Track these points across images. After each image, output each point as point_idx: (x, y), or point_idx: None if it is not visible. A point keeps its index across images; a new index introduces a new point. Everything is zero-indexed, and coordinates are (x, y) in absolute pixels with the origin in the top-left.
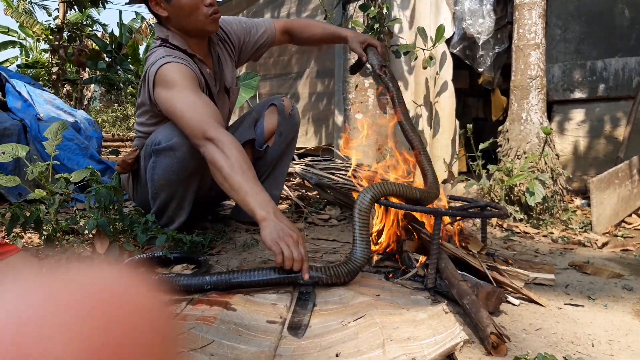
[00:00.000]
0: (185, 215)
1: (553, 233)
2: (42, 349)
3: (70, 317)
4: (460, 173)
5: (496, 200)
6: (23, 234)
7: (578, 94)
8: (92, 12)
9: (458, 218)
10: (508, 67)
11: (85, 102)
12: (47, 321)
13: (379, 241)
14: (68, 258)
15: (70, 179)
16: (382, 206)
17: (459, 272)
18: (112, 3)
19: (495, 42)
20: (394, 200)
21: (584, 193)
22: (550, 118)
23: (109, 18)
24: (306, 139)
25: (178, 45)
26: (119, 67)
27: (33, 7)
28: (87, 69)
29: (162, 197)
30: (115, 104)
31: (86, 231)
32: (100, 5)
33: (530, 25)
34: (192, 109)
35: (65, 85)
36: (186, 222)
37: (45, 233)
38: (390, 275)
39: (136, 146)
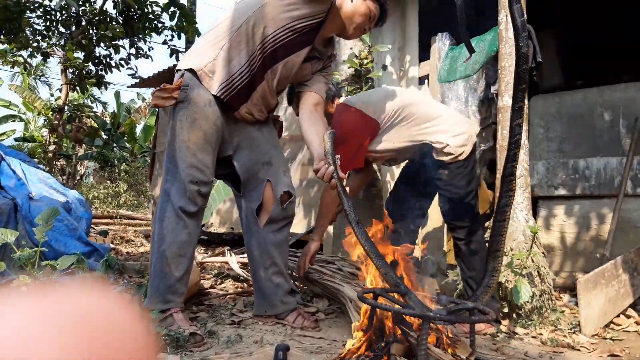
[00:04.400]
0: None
1: (542, 334)
2: None
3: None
4: (448, 266)
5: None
6: None
7: (562, 191)
8: (95, 90)
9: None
10: (494, 162)
11: (78, 178)
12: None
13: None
14: None
15: (57, 266)
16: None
17: None
18: (114, 85)
19: (480, 140)
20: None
21: (572, 289)
22: (535, 213)
23: (110, 96)
24: (296, 222)
25: None
26: (115, 145)
27: (37, 83)
28: (84, 145)
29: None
30: (108, 181)
31: None
32: (103, 86)
33: None
34: None
35: (60, 160)
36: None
37: None
38: None
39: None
